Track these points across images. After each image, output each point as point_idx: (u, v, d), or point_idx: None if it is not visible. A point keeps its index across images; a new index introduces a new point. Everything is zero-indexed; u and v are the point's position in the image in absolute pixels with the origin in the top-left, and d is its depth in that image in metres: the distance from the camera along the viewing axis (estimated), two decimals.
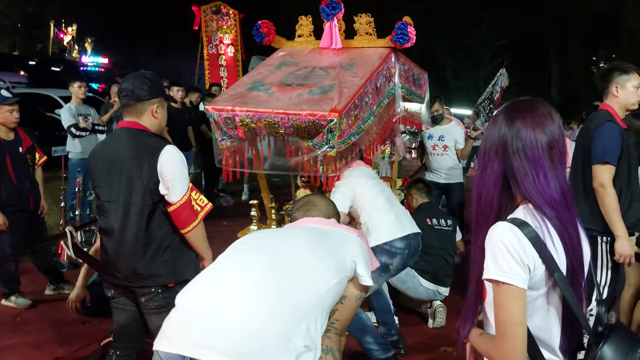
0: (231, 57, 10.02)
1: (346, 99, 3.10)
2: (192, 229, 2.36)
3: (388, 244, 3.16)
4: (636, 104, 3.06)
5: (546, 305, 1.34)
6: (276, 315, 1.46)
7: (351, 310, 1.74)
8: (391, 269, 3.20)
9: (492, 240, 1.31)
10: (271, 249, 1.65)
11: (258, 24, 4.00)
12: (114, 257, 2.38)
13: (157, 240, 2.35)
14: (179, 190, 2.31)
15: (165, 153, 2.31)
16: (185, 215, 2.33)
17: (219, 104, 3.33)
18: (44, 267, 4.29)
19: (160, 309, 2.35)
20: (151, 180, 2.30)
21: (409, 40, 3.59)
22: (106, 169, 2.37)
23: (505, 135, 1.35)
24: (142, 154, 2.32)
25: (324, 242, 1.71)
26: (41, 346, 3.46)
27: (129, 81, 2.40)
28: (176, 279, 2.36)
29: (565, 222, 1.32)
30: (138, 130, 2.38)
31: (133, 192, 2.31)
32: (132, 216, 2.32)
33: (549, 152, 1.33)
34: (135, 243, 2.33)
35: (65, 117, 5.67)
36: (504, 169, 1.36)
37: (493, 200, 1.37)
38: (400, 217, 3.29)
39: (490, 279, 1.30)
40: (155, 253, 2.35)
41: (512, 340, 1.27)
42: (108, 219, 2.38)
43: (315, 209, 1.97)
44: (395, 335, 3.50)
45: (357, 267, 1.70)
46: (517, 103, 1.41)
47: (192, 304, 1.54)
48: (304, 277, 1.56)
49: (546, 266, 1.29)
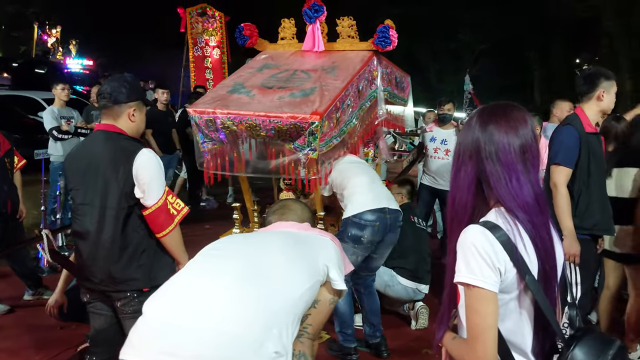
0: (217, 59, 9.99)
1: (327, 101, 3.10)
2: (168, 233, 2.34)
3: (357, 217, 3.21)
4: (610, 110, 3.17)
5: (518, 308, 1.34)
6: (248, 320, 1.44)
7: (324, 315, 1.73)
8: (363, 241, 3.22)
9: (464, 243, 1.31)
10: (242, 254, 1.62)
11: (240, 26, 3.99)
12: (89, 261, 2.34)
13: (133, 244, 2.33)
14: (154, 193, 2.29)
15: (141, 156, 2.29)
16: (161, 219, 2.31)
17: (200, 106, 3.31)
18: (22, 271, 4.23)
19: (136, 314, 2.30)
20: (127, 183, 2.28)
21: (390, 43, 3.60)
22: (82, 172, 2.34)
23: (479, 139, 1.35)
24: (118, 157, 2.29)
25: (297, 246, 1.69)
26: (18, 352, 3.40)
27: (108, 84, 2.38)
28: (152, 283, 2.33)
29: (537, 226, 1.32)
30: (115, 133, 2.35)
31: (109, 195, 2.29)
32: (107, 219, 2.30)
33: (522, 156, 1.33)
34: (111, 247, 2.30)
35: (47, 120, 5.59)
36: (478, 173, 1.36)
37: (467, 203, 1.37)
38: (376, 191, 3.33)
39: (462, 282, 1.30)
40: (131, 257, 2.32)
41: (483, 344, 1.27)
42: (83, 222, 2.35)
43: (290, 213, 1.96)
44: (379, 337, 3.51)
45: (330, 271, 1.68)
46: (491, 107, 1.41)
47: (160, 312, 1.50)
48: (276, 281, 1.53)
49: (517, 269, 1.29)
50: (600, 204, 3.08)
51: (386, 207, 3.26)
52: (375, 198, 3.27)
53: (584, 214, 3.03)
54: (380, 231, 3.24)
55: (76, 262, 2.47)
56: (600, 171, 3.12)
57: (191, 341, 1.39)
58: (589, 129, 3.08)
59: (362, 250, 3.26)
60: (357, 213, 3.21)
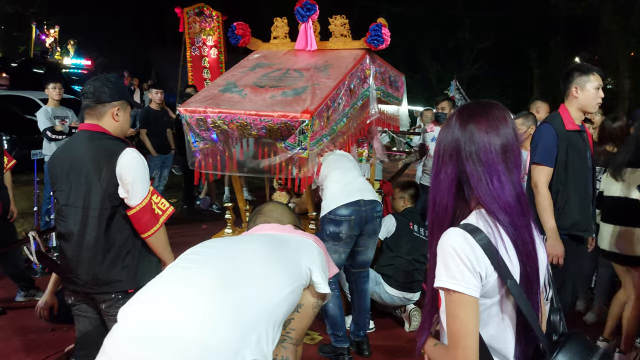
0: (214, 59, 9.95)
1: (318, 100, 3.07)
2: (153, 234, 2.31)
3: (332, 213, 3.21)
4: (595, 107, 3.03)
5: (500, 313, 1.30)
6: (223, 329, 1.39)
7: (308, 319, 1.69)
8: (342, 237, 3.20)
9: (444, 247, 1.27)
10: (220, 260, 1.57)
11: (233, 25, 3.97)
12: (73, 262, 2.31)
13: (117, 245, 2.30)
14: (139, 193, 2.26)
15: (125, 156, 2.26)
16: (145, 219, 2.28)
17: (191, 105, 3.28)
18: (14, 273, 4.19)
19: None
20: (110, 183, 2.25)
21: (383, 41, 3.57)
22: (65, 173, 2.31)
23: (459, 139, 1.31)
24: (101, 156, 2.26)
25: (278, 249, 1.65)
26: (8, 355, 3.37)
27: (91, 83, 2.35)
28: (137, 284, 2.30)
29: (519, 228, 1.28)
30: (98, 133, 2.32)
31: (92, 195, 2.26)
32: (91, 220, 2.27)
33: (503, 156, 1.29)
34: (95, 248, 2.27)
35: (41, 120, 5.55)
36: (458, 173, 1.32)
37: (447, 205, 1.33)
38: (348, 184, 3.31)
39: (442, 287, 1.27)
40: (115, 258, 2.29)
41: (464, 350, 1.23)
42: (67, 224, 2.32)
43: (272, 216, 1.92)
44: (362, 336, 3.50)
45: (313, 275, 1.65)
46: (471, 106, 1.37)
47: (134, 320, 1.44)
48: (254, 287, 1.49)
49: (499, 273, 1.25)
50: (579, 203, 3.02)
51: (360, 199, 3.24)
52: (349, 192, 3.26)
53: (561, 213, 2.98)
54: (357, 224, 3.23)
55: (60, 264, 2.44)
56: (582, 170, 3.03)
57: (164, 352, 1.34)
58: (571, 127, 3.01)
59: (343, 246, 3.24)
60: (332, 210, 3.21)
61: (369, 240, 3.38)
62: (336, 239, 3.20)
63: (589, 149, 3.10)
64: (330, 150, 3.40)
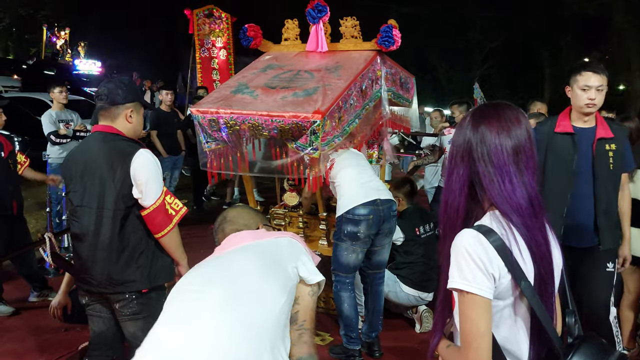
0: (223, 60, 9.99)
1: (329, 101, 3.08)
2: (166, 234, 2.33)
3: (350, 213, 3.20)
4: (584, 108, 2.83)
5: (513, 315, 1.30)
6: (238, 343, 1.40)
7: (312, 306, 1.66)
8: (360, 236, 3.20)
9: (457, 248, 1.27)
10: (216, 290, 1.50)
11: (245, 27, 3.99)
12: (87, 262, 2.33)
13: (131, 245, 2.32)
14: (152, 194, 2.28)
15: (139, 157, 2.29)
16: (159, 219, 2.30)
17: (203, 106, 3.30)
18: (28, 273, 4.24)
19: (135, 316, 2.33)
20: (124, 184, 2.27)
21: (394, 42, 3.57)
22: (79, 174, 2.33)
23: (470, 140, 1.31)
24: (115, 158, 2.29)
25: (263, 260, 1.61)
26: (22, 355, 3.40)
27: (105, 85, 2.38)
28: (150, 284, 2.34)
29: (532, 230, 1.28)
30: (112, 134, 2.35)
31: (106, 196, 2.28)
32: (105, 221, 2.29)
33: (515, 158, 1.28)
34: (109, 248, 2.29)
35: (46, 124, 5.53)
36: (470, 175, 1.32)
37: (459, 206, 1.33)
38: (366, 184, 3.31)
39: (455, 288, 1.27)
40: (130, 258, 2.31)
41: (476, 351, 1.23)
42: (81, 224, 2.34)
43: (230, 224, 1.84)
44: (374, 337, 3.49)
45: (300, 271, 1.63)
46: (483, 107, 1.37)
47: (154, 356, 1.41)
48: (256, 305, 1.48)
49: (512, 275, 1.25)
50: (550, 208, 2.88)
51: (377, 198, 3.24)
52: (366, 191, 3.26)
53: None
54: (375, 224, 3.23)
55: (74, 265, 2.47)
56: (561, 174, 2.88)
57: None
58: (560, 129, 2.89)
59: (360, 245, 3.24)
60: (350, 209, 3.20)
61: (385, 240, 3.39)
62: (354, 238, 3.21)
63: (589, 151, 2.88)
64: (344, 148, 3.40)
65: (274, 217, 4.01)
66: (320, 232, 3.83)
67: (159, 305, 2.26)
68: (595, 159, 2.87)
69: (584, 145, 2.89)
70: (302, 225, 3.91)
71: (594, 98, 2.80)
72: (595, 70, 2.80)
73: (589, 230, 2.91)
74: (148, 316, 2.31)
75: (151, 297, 2.37)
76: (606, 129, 2.88)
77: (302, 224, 3.92)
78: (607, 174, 2.88)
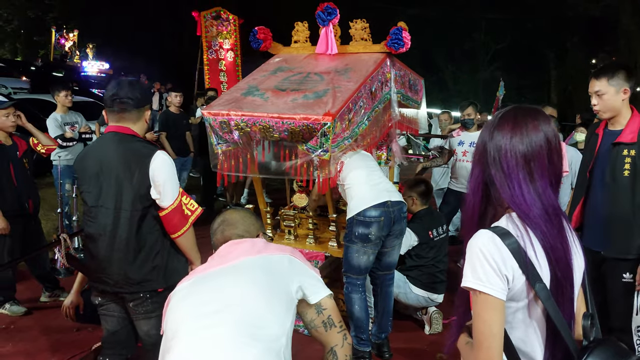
0: (231, 62, 10.03)
1: (340, 103, 3.10)
2: (182, 234, 2.37)
3: (361, 214, 3.20)
4: (597, 112, 2.87)
5: (528, 317, 1.30)
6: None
7: (336, 309, 1.70)
8: (371, 238, 3.21)
9: (471, 248, 1.29)
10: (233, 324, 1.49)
11: (255, 30, 4.01)
12: (104, 262, 2.36)
13: (148, 245, 2.35)
14: (170, 195, 2.32)
15: (157, 159, 2.33)
16: (176, 220, 2.34)
17: (214, 108, 3.33)
18: (40, 274, 4.27)
19: (149, 314, 2.36)
20: (142, 185, 2.30)
21: (403, 45, 3.58)
22: (95, 174, 2.35)
23: (486, 143, 1.33)
24: (133, 159, 2.32)
25: (269, 282, 1.59)
26: (34, 355, 3.43)
27: (123, 88, 2.38)
28: (167, 283, 2.36)
29: (547, 234, 1.28)
30: (129, 136, 2.38)
31: (123, 196, 2.31)
32: (122, 221, 2.32)
33: (525, 164, 1.29)
34: (126, 248, 2.32)
35: (51, 128, 5.51)
36: (485, 176, 1.34)
37: (474, 206, 1.35)
38: (376, 185, 3.31)
39: (467, 286, 1.28)
40: (146, 258, 2.35)
41: (486, 351, 1.24)
42: (97, 224, 2.36)
43: (232, 227, 1.83)
44: (383, 339, 3.51)
45: (305, 290, 1.64)
46: (507, 110, 1.37)
47: None
48: (266, 329, 1.50)
49: (527, 277, 1.26)
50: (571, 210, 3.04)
51: (388, 200, 3.25)
52: (376, 193, 3.26)
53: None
54: (386, 225, 3.23)
55: (89, 265, 2.48)
56: (582, 174, 3.02)
57: None
58: (597, 130, 2.98)
59: (371, 247, 3.25)
60: (361, 211, 3.20)
61: (396, 241, 3.40)
62: (365, 240, 3.21)
63: (606, 155, 2.86)
64: (353, 150, 3.41)
65: (284, 218, 4.03)
66: (330, 233, 3.85)
67: None
68: (609, 163, 2.83)
69: (603, 149, 2.88)
70: (312, 226, 3.93)
71: (595, 104, 2.84)
72: (596, 75, 2.82)
73: (599, 234, 2.89)
74: (162, 314, 2.32)
75: (166, 296, 2.37)
76: (633, 134, 2.80)
77: (312, 225, 3.93)
78: (621, 180, 2.80)
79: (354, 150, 3.44)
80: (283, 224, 4.08)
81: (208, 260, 1.72)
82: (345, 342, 1.65)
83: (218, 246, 1.82)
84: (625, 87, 2.77)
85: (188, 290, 1.62)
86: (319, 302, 1.66)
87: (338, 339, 1.64)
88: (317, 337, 1.69)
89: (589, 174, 2.97)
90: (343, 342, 1.65)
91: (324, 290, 1.68)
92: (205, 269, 1.67)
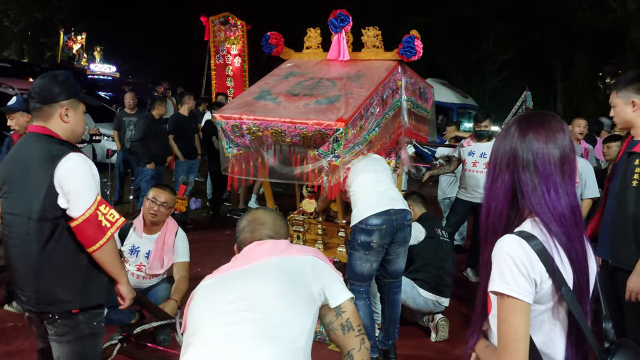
0: (238, 67, 10.09)
1: (352, 109, 3.12)
2: (99, 247, 2.07)
3: (363, 222, 3.20)
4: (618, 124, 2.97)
5: (552, 320, 1.33)
6: None
7: (355, 312, 1.71)
8: (373, 246, 3.20)
9: (499, 253, 1.30)
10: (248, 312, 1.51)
11: (267, 35, 4.05)
12: (17, 277, 2.13)
13: (60, 260, 2.07)
14: (82, 203, 2.03)
15: (67, 161, 2.04)
16: (91, 232, 2.04)
17: (226, 112, 3.36)
18: None
19: (59, 337, 2.13)
20: (49, 191, 2.02)
21: (415, 53, 3.61)
22: (10, 179, 2.13)
23: (517, 148, 1.35)
24: (43, 161, 2.04)
25: (291, 283, 1.59)
26: None
27: (36, 82, 2.14)
28: (81, 305, 2.12)
29: (572, 239, 1.31)
30: (45, 136, 2.10)
31: (33, 204, 2.04)
32: (32, 232, 2.05)
33: (561, 167, 1.32)
34: (38, 263, 2.06)
35: None
36: (513, 182, 1.35)
37: (502, 212, 1.36)
38: (381, 193, 3.30)
39: (496, 291, 1.29)
40: (61, 275, 2.08)
41: (512, 354, 1.26)
42: (10, 234, 2.11)
43: (262, 228, 1.79)
44: (390, 345, 3.51)
45: (326, 293, 1.63)
46: (530, 115, 1.40)
47: None
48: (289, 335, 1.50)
49: (553, 280, 1.28)
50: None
51: (391, 208, 3.23)
52: (380, 201, 3.25)
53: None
54: (388, 233, 3.22)
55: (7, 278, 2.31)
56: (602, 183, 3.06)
57: None
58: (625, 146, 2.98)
59: (374, 255, 3.25)
60: (363, 219, 3.20)
61: (400, 249, 3.39)
62: (367, 248, 3.21)
63: (620, 164, 2.85)
64: (363, 155, 3.42)
65: (293, 223, 4.04)
66: (338, 239, 3.86)
67: (87, 330, 2.14)
68: (621, 173, 2.81)
69: (622, 158, 2.87)
70: (321, 232, 3.94)
71: (611, 115, 2.88)
72: (612, 88, 2.85)
73: (607, 243, 2.86)
74: (73, 341, 2.12)
75: (79, 319, 2.14)
76: None
77: (321, 230, 3.94)
78: (629, 190, 2.75)
79: (364, 155, 3.46)
80: (292, 229, 4.09)
81: (231, 260, 1.73)
82: (362, 347, 1.65)
83: (244, 246, 1.77)
84: (634, 99, 2.74)
85: (210, 289, 1.63)
86: (339, 305, 1.65)
87: (355, 343, 1.64)
88: (334, 339, 1.69)
89: (607, 182, 2.98)
90: (360, 346, 1.64)
91: (345, 293, 1.67)
92: (228, 268, 1.69)
